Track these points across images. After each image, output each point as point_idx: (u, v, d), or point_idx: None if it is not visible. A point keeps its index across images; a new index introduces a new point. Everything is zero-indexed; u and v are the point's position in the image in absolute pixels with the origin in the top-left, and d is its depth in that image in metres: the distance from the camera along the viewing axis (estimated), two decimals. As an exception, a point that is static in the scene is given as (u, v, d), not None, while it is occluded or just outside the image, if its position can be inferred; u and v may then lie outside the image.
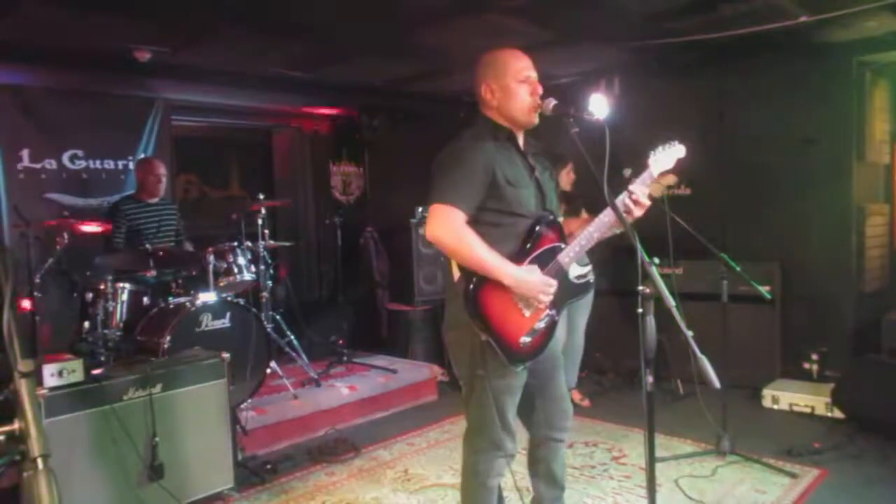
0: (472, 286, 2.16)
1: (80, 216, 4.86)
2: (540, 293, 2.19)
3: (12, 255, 4.45)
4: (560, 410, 2.48)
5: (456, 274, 2.24)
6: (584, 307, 4.62)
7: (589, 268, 2.40)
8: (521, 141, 2.35)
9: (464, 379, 2.31)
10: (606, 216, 2.23)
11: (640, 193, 2.23)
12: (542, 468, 2.52)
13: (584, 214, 3.78)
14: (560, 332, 2.38)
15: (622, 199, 2.23)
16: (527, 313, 2.22)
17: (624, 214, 2.19)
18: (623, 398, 5.00)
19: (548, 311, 2.26)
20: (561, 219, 2.40)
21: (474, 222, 2.19)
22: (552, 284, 2.22)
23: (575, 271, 2.32)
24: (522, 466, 2.61)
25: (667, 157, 2.36)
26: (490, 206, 2.21)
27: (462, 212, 2.15)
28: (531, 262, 2.23)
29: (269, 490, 3.58)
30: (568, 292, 2.31)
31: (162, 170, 4.74)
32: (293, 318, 5.43)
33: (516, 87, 2.26)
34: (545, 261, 2.25)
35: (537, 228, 2.26)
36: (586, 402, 4.81)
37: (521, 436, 2.41)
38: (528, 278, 2.18)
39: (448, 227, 2.14)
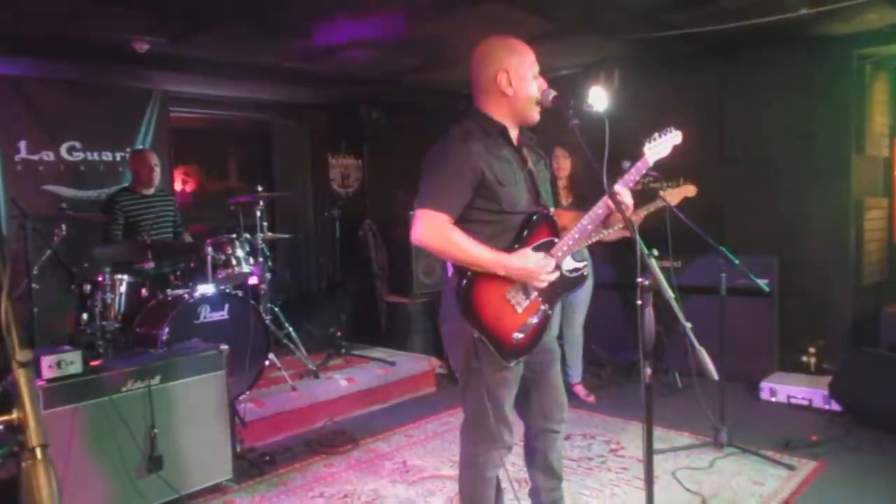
0: (463, 283, 2.15)
1: (79, 208, 4.87)
2: (540, 274, 2.17)
3: (9, 245, 4.45)
4: (556, 402, 2.48)
5: (451, 268, 2.23)
6: (583, 301, 4.62)
7: (584, 262, 2.39)
8: (513, 134, 2.30)
9: (460, 371, 2.31)
10: (600, 208, 2.20)
11: (623, 195, 2.18)
12: (538, 459, 2.52)
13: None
14: (553, 323, 2.37)
15: (605, 201, 2.18)
16: (519, 309, 2.20)
17: (607, 213, 2.19)
18: (621, 391, 5.01)
19: (541, 307, 2.25)
20: (552, 209, 2.38)
21: (465, 221, 2.17)
22: (549, 263, 2.20)
23: (568, 265, 2.31)
24: (521, 458, 2.61)
25: (663, 144, 2.31)
26: (481, 206, 2.18)
27: (446, 215, 2.12)
28: None
29: (268, 481, 3.59)
30: (561, 286, 2.30)
31: (154, 160, 4.73)
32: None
33: (531, 79, 2.23)
34: None
35: (530, 224, 2.23)
36: (592, 399, 4.77)
37: (518, 427, 2.41)
38: (523, 264, 2.15)
39: (431, 232, 2.11)
